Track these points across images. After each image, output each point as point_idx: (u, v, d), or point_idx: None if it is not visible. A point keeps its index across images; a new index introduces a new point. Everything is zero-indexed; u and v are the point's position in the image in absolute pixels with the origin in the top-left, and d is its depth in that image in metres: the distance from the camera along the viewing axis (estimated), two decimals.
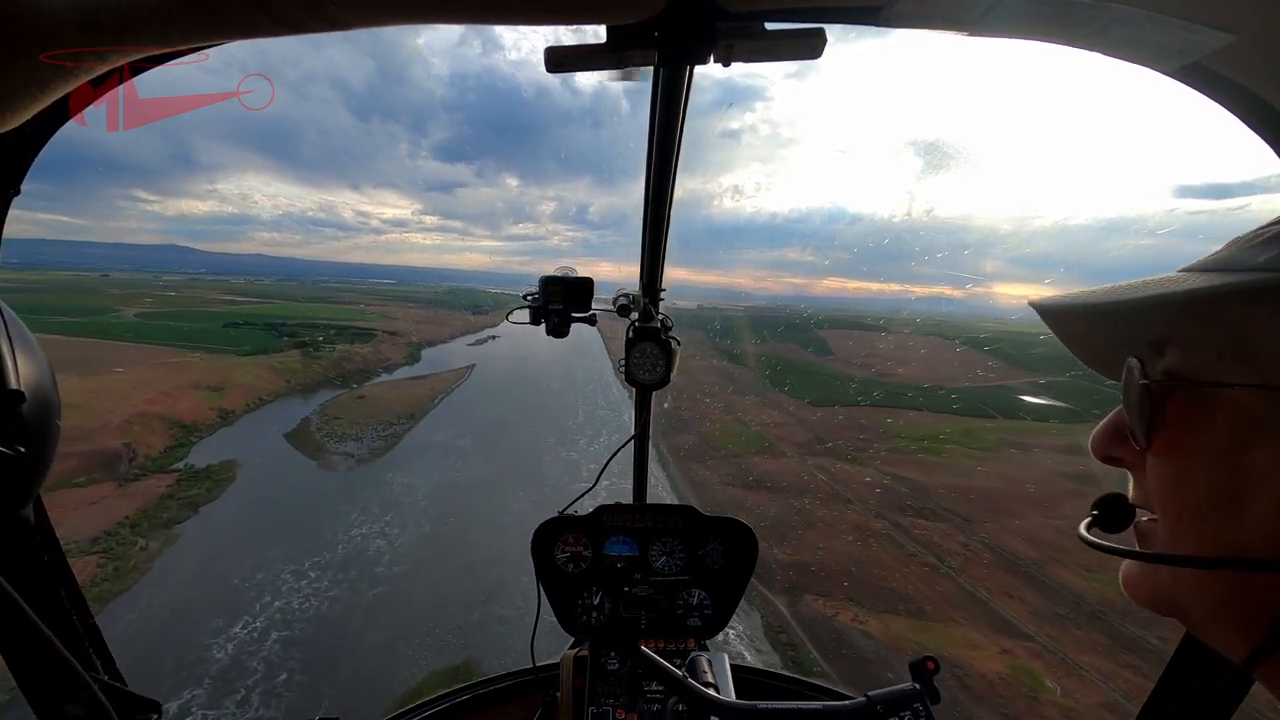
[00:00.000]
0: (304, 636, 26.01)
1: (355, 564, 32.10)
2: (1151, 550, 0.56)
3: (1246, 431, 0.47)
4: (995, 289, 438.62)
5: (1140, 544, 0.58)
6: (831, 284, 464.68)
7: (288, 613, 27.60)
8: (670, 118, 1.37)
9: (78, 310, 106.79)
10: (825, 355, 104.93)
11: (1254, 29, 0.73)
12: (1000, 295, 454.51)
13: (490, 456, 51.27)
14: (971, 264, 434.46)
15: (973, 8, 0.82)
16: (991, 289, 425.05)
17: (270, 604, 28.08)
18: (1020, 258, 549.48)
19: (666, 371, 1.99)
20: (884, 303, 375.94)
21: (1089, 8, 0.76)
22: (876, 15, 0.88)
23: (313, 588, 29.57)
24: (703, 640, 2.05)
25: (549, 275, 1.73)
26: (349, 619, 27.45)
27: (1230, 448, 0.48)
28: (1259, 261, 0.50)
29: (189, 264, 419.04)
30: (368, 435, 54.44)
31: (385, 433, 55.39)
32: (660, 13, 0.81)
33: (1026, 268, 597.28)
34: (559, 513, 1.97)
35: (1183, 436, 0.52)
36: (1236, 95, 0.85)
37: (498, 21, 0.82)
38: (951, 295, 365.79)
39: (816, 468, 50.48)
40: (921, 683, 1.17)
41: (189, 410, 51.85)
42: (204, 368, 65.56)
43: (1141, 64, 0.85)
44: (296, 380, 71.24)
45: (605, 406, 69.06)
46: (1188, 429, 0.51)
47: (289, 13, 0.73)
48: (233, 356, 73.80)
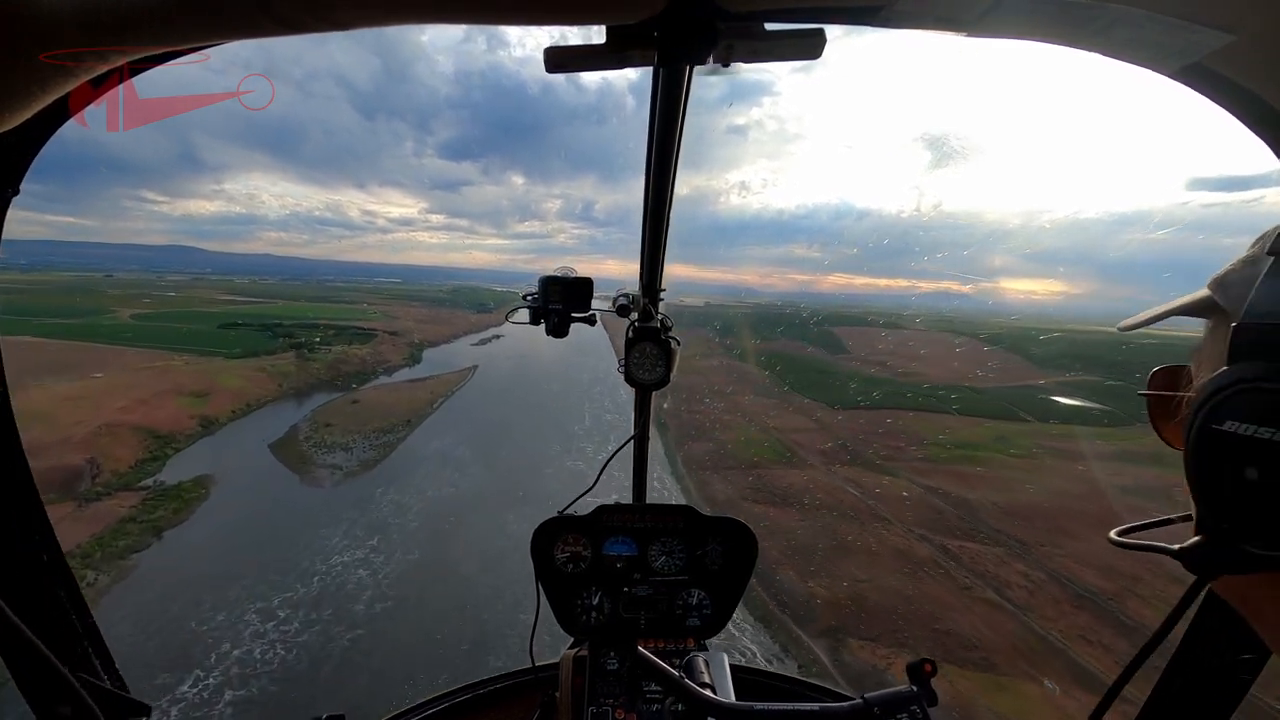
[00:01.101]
0: (263, 696, 22.13)
1: (332, 600, 28.21)
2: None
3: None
4: (1003, 284, 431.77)
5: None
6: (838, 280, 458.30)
7: (248, 664, 23.74)
8: (670, 118, 1.36)
9: (72, 311, 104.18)
10: (839, 353, 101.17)
11: (1254, 29, 0.73)
12: (1008, 290, 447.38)
13: (490, 467, 47.38)
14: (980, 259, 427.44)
15: (972, 8, 0.82)
16: (999, 284, 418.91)
17: (228, 654, 24.23)
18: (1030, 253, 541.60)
19: (666, 371, 1.98)
20: (890, 298, 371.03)
21: (1089, 8, 0.76)
22: (876, 15, 0.89)
23: (280, 631, 25.71)
24: (702, 640, 2.04)
25: (548, 275, 1.71)
26: (318, 672, 23.56)
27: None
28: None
29: (195, 264, 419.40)
30: (359, 444, 50.71)
31: (378, 441, 51.63)
32: (660, 13, 0.81)
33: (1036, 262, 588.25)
34: (559, 512, 1.97)
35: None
36: (1236, 95, 0.85)
37: (498, 21, 0.82)
38: (959, 291, 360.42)
39: (846, 480, 46.18)
40: (919, 685, 1.13)
41: (167, 419, 48.33)
42: (190, 371, 62.17)
43: (1142, 64, 0.86)
44: (289, 384, 67.72)
45: (612, 410, 64.97)
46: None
47: (289, 13, 0.73)
48: (222, 359, 70.37)
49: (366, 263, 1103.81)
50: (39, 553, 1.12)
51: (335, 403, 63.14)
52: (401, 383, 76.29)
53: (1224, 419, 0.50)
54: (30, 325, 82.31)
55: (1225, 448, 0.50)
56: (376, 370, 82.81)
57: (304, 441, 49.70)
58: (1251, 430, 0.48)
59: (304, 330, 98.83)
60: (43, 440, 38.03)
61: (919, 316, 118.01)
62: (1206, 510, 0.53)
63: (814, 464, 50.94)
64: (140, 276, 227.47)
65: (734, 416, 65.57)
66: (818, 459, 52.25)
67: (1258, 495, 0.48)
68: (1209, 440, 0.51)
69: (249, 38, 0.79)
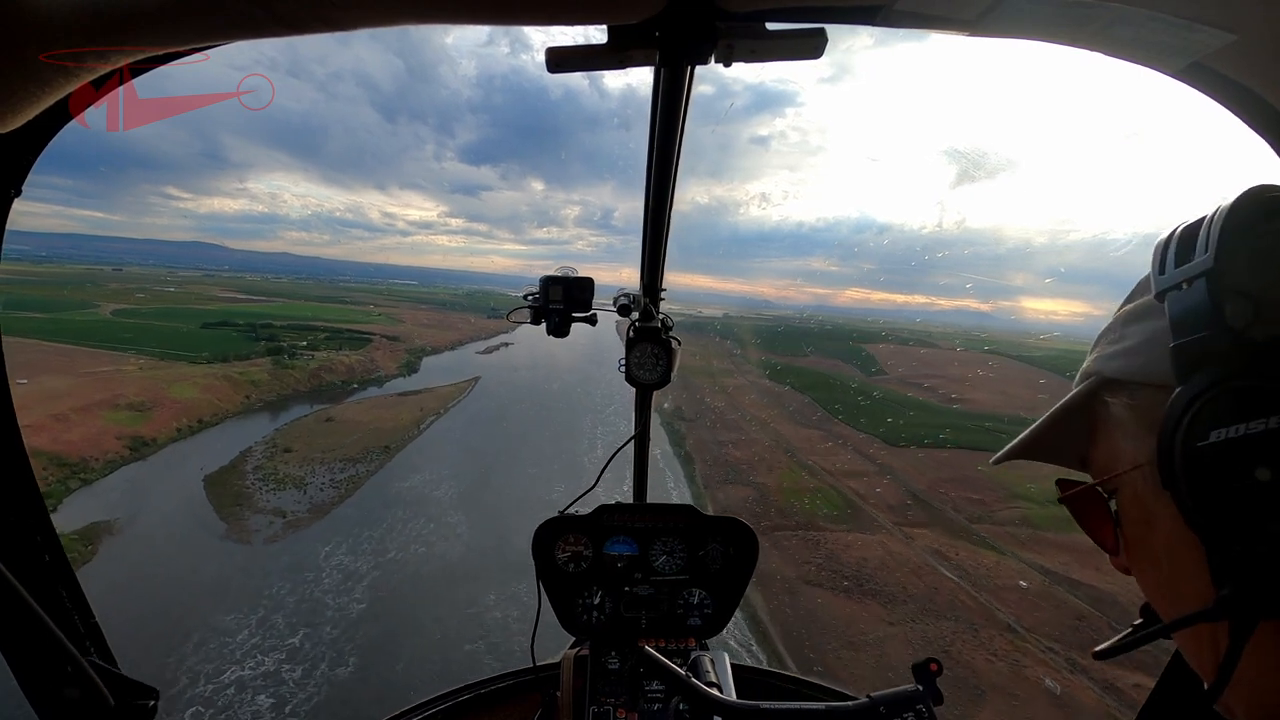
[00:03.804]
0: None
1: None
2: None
3: (1138, 524, 0.59)
4: (1023, 303, 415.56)
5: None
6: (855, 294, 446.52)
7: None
8: (671, 118, 1.36)
9: (52, 305, 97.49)
10: (876, 374, 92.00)
11: (1254, 29, 0.73)
12: (1028, 310, 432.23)
13: (475, 513, 37.69)
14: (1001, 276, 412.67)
15: (972, 8, 0.82)
16: (1019, 302, 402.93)
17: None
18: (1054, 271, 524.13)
19: (667, 371, 1.97)
20: (908, 314, 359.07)
21: (1089, 8, 0.76)
22: (876, 15, 0.89)
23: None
24: (703, 640, 2.04)
25: (549, 275, 1.70)
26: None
27: (1132, 541, 0.61)
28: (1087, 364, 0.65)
29: (214, 261, 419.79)
30: (318, 478, 41.35)
31: (342, 475, 42.23)
32: (660, 13, 0.82)
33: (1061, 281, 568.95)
34: (559, 512, 1.95)
35: (1106, 539, 0.65)
36: (1237, 95, 0.85)
37: (498, 21, 0.82)
38: (979, 309, 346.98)
39: (932, 553, 35.79)
40: (924, 684, 1.14)
41: (86, 439, 39.47)
42: (140, 379, 53.59)
43: (1143, 64, 0.86)
44: (258, 395, 58.98)
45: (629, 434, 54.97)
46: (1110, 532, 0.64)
47: (290, 12, 0.73)
48: (185, 365, 61.85)
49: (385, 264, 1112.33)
50: (41, 552, 1.12)
51: (305, 420, 54.08)
52: (390, 396, 67.18)
53: (1208, 431, 0.48)
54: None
55: (1222, 458, 0.47)
56: (365, 380, 73.99)
57: (250, 474, 40.47)
58: (1247, 428, 0.46)
59: (294, 333, 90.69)
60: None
61: (955, 341, 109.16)
62: (1218, 545, 0.48)
63: (884, 525, 40.65)
64: (150, 271, 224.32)
65: (773, 451, 55.49)
66: (886, 516, 41.96)
67: (1277, 494, 0.45)
68: (1199, 460, 0.48)
69: (250, 38, 0.79)
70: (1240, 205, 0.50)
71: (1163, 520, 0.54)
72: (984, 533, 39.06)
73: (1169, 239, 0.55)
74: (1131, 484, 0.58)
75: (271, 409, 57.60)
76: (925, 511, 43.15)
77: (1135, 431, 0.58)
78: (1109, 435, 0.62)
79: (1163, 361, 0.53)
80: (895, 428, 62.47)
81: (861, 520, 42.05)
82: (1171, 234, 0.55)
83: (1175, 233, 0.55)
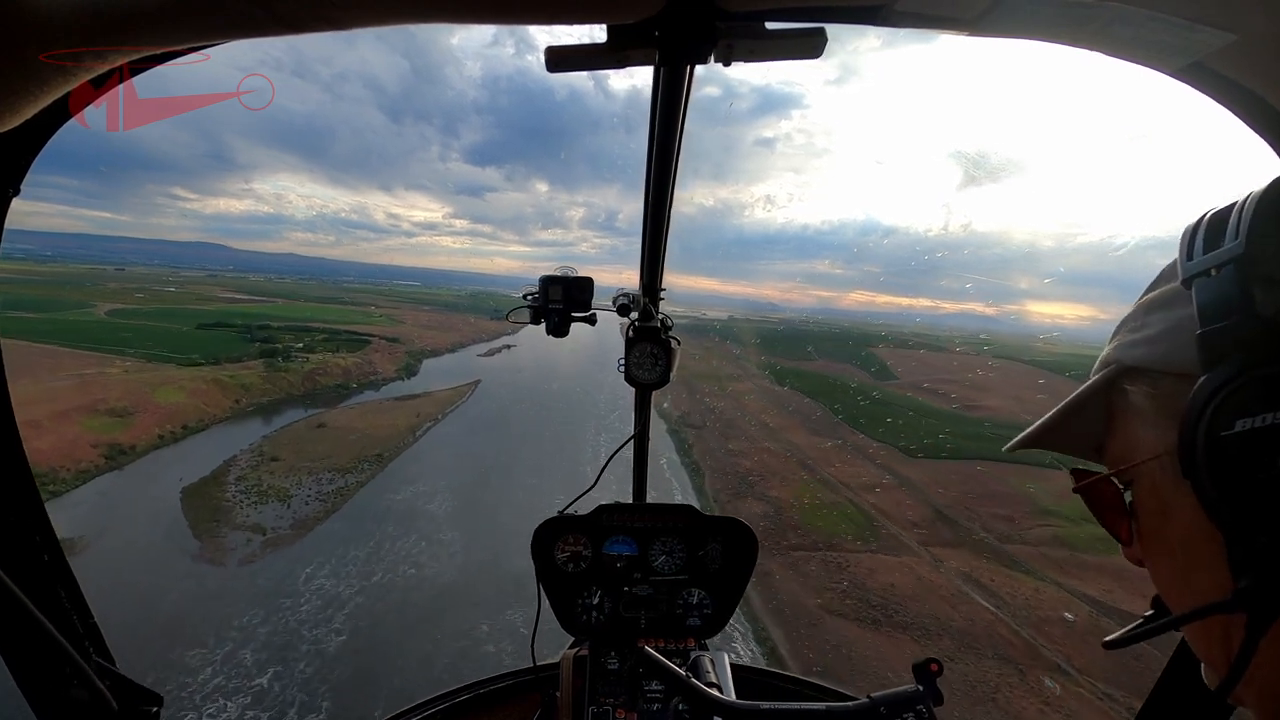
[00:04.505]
0: None
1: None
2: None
3: (1155, 516, 0.59)
4: (1029, 306, 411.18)
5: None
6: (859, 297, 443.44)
7: None
8: (671, 118, 1.36)
9: (47, 305, 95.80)
10: (888, 379, 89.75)
11: (1254, 29, 0.73)
12: (1034, 314, 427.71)
13: (469, 527, 35.19)
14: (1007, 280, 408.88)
15: (972, 7, 0.82)
16: (1025, 306, 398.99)
17: None
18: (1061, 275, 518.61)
19: (666, 370, 1.97)
20: (912, 317, 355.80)
21: (1089, 7, 0.76)
22: (876, 15, 0.89)
23: None
24: (703, 640, 2.03)
25: (548, 275, 1.70)
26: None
27: (1148, 533, 0.60)
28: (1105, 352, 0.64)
29: (219, 261, 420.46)
30: (304, 490, 38.94)
31: (331, 487, 39.80)
32: (660, 12, 0.82)
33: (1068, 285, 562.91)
34: (559, 512, 1.95)
35: (1124, 531, 0.64)
36: (1237, 95, 0.85)
37: (498, 21, 0.82)
38: (984, 312, 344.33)
39: (965, 579, 32.98)
40: (925, 684, 1.14)
41: (59, 448, 37.21)
42: (125, 382, 51.41)
43: (1143, 64, 0.86)
44: (249, 399, 56.72)
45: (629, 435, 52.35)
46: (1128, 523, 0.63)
47: (290, 12, 0.73)
48: (174, 367, 59.68)
49: (389, 265, 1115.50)
50: (40, 553, 1.12)
51: (296, 426, 51.72)
52: (386, 401, 64.80)
53: (1233, 421, 0.47)
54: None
55: (1248, 448, 0.46)
56: (361, 383, 71.70)
57: (232, 485, 38.11)
58: (1274, 417, 0.45)
59: (291, 334, 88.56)
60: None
61: (961, 345, 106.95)
62: (1239, 537, 0.48)
63: (909, 545, 37.90)
64: (154, 271, 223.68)
65: (787, 462, 52.69)
66: (911, 535, 39.19)
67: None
68: (1223, 450, 0.48)
69: (250, 37, 0.78)
70: (1273, 191, 0.49)
71: (1180, 511, 0.54)
72: (1017, 554, 36.28)
73: (1198, 224, 0.54)
74: (1149, 474, 0.58)
75: (262, 414, 55.33)
76: (952, 529, 40.36)
77: (1155, 420, 0.57)
78: (1127, 424, 0.62)
79: (1186, 349, 0.52)
80: (910, 436, 59.75)
81: (885, 539, 39.28)
82: (1200, 219, 0.54)
83: (1204, 218, 0.54)
